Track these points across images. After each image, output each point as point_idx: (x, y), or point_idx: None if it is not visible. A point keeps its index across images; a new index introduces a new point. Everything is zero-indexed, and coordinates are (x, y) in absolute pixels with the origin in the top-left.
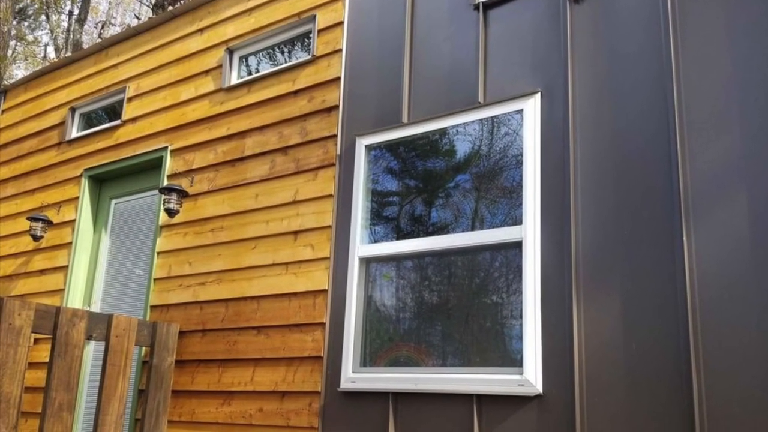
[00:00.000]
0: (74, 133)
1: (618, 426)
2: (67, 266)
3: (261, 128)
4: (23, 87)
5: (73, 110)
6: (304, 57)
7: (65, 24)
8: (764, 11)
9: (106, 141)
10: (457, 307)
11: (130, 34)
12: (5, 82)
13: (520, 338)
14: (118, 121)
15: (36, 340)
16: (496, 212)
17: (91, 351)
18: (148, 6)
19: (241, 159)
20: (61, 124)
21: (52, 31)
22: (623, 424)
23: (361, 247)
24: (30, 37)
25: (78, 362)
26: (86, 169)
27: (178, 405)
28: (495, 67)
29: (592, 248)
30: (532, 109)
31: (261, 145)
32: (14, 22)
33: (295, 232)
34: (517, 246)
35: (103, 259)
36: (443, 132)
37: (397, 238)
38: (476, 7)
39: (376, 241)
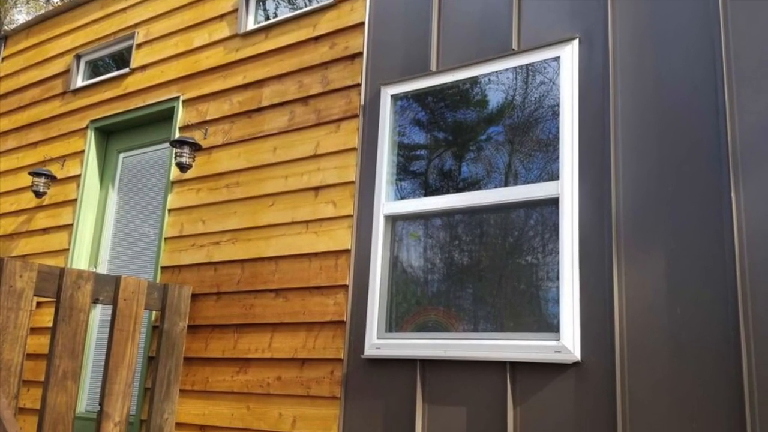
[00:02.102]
0: (79, 82)
1: (661, 395)
2: (71, 225)
3: (279, 77)
4: (25, 33)
5: (78, 57)
6: (325, 0)
7: None
8: None
9: (114, 90)
10: (490, 269)
11: None
12: (5, 28)
13: (557, 302)
14: (126, 69)
15: (38, 304)
16: (531, 167)
17: (98, 315)
18: None
19: (258, 110)
20: (66, 72)
21: None
22: (667, 393)
23: (387, 204)
24: None
25: (83, 327)
26: (92, 121)
27: (190, 373)
28: (530, 11)
29: (633, 205)
30: (569, 56)
31: (279, 94)
32: None
33: (316, 188)
34: (553, 203)
35: (110, 217)
36: (474, 81)
37: (425, 195)
38: None
39: (402, 198)
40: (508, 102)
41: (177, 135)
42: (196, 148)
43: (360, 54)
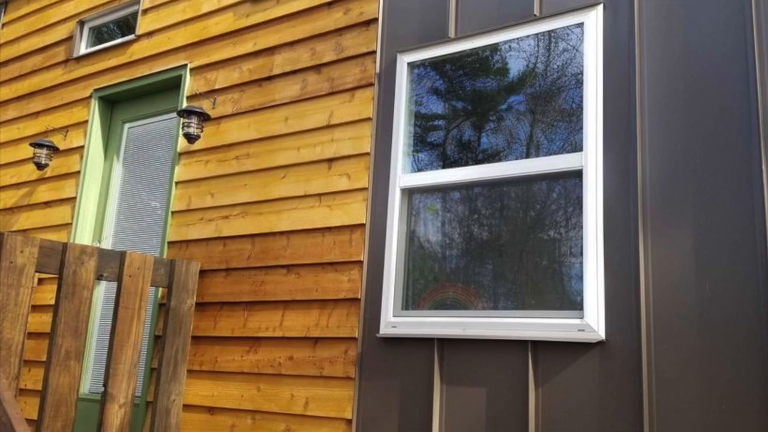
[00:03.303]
0: (83, 49)
1: (689, 375)
2: (74, 198)
3: (291, 44)
4: None
5: (81, 24)
6: None
7: None
8: None
9: (119, 58)
10: (510, 244)
11: None
12: None
13: (581, 278)
14: (131, 36)
15: (40, 281)
16: (553, 137)
17: (102, 292)
18: None
19: (269, 78)
20: (69, 39)
21: None
22: (695, 372)
23: (403, 176)
24: None
25: (87, 305)
26: (96, 90)
27: (198, 352)
28: None
29: (660, 177)
30: (593, 22)
31: (291, 62)
32: None
33: (330, 160)
34: (576, 175)
35: (114, 190)
36: (494, 48)
37: (443, 167)
38: None
39: (419, 170)
40: (529, 70)
41: (184, 104)
42: (204, 118)
43: (375, 20)
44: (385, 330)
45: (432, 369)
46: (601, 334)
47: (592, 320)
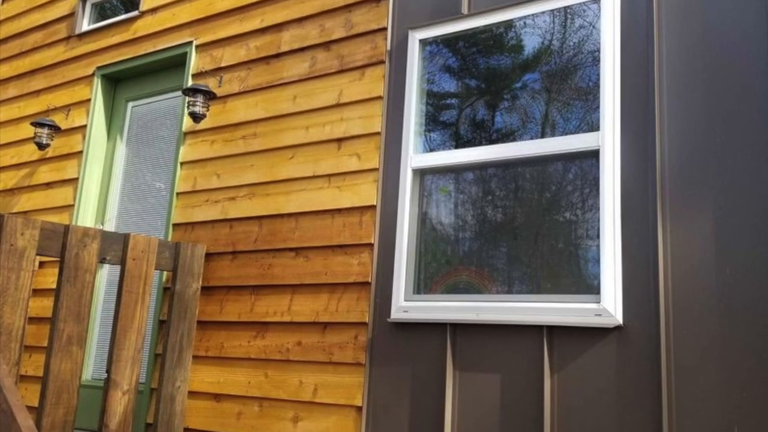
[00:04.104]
0: (85, 25)
1: (709, 362)
2: (77, 179)
3: (299, 20)
4: None
5: None
6: None
7: None
8: None
9: (122, 35)
10: (525, 226)
11: None
12: None
13: (597, 261)
14: (135, 12)
15: (41, 264)
16: (569, 117)
17: (105, 276)
18: None
19: (277, 56)
20: (71, 15)
21: None
22: (715, 359)
23: (415, 156)
24: None
25: (89, 289)
26: (99, 68)
27: (204, 338)
28: None
29: (679, 158)
30: None
31: (300, 39)
32: None
33: (339, 140)
34: (593, 155)
35: (118, 171)
36: (509, 24)
37: (456, 147)
38: None
39: (431, 150)
40: (544, 47)
41: (190, 83)
42: (210, 96)
43: None
44: (396, 314)
45: (444, 355)
46: (618, 319)
47: (610, 305)
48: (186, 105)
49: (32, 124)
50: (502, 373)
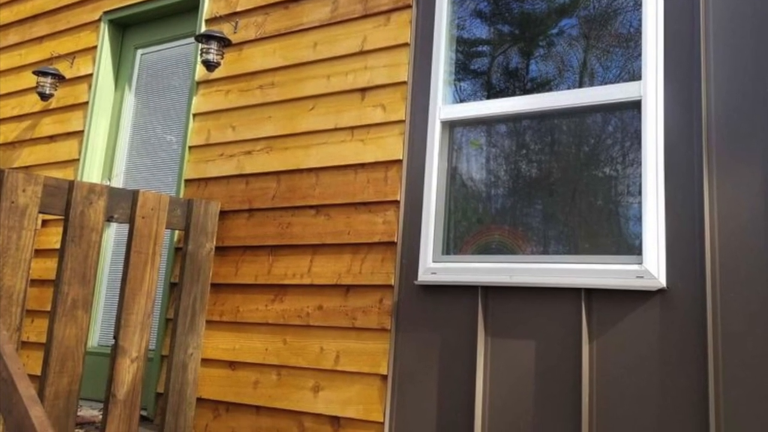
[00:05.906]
0: None
1: (758, 327)
2: (82, 131)
3: None
4: None
5: None
6: None
7: None
8: None
9: None
10: (562, 182)
11: None
12: None
13: (639, 220)
14: None
15: (44, 222)
16: (609, 65)
17: (112, 235)
18: None
19: None
20: None
21: None
22: (765, 324)
23: (444, 107)
24: None
25: (96, 249)
26: (106, 12)
27: (218, 301)
28: None
29: (726, 109)
30: None
31: None
32: None
33: (363, 90)
34: (635, 106)
35: (126, 123)
36: None
37: (488, 97)
38: None
39: (461, 101)
40: None
41: (203, 28)
42: (224, 43)
43: None
44: (423, 277)
45: (475, 320)
46: (661, 281)
47: (652, 266)
48: (199, 52)
49: (34, 72)
50: (537, 339)
